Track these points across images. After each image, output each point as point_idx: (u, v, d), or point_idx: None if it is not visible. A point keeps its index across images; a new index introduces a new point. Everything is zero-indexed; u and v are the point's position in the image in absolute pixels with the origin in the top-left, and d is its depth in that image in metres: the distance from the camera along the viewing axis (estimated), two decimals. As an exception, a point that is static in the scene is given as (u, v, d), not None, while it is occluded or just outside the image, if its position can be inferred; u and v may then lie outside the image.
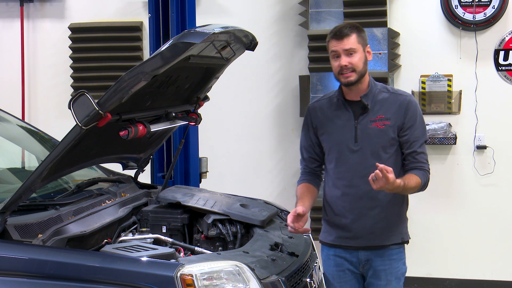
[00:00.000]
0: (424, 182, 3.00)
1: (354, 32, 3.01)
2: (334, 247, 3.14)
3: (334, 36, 3.01)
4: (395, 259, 3.08)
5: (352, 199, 3.05)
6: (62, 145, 2.64)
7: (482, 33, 5.38)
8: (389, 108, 3.04)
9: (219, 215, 3.31)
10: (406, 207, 3.17)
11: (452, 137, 5.38)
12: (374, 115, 3.03)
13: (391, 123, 3.02)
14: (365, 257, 3.08)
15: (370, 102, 3.04)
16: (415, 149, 3.03)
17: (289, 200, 5.65)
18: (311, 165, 3.20)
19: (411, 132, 3.03)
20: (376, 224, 3.04)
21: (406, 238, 3.13)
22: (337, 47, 2.99)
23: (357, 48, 2.99)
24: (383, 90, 3.09)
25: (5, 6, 6.13)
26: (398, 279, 3.10)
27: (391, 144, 3.02)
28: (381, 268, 3.06)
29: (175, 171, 4.67)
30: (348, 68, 2.98)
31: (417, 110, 3.08)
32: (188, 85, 3.34)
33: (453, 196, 5.48)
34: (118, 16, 5.96)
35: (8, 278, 2.49)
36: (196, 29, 2.79)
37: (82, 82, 5.85)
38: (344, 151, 3.04)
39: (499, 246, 5.42)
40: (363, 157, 3.01)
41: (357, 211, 3.04)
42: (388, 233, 3.06)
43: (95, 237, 2.99)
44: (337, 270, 3.14)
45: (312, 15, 5.38)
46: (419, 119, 3.07)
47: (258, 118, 5.83)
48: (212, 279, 2.48)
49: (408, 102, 3.05)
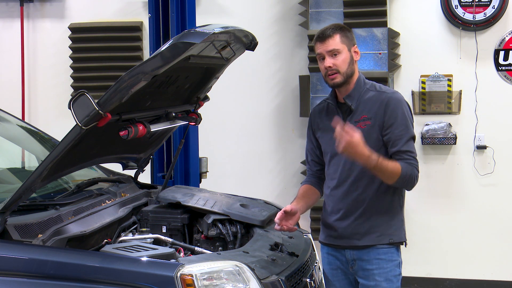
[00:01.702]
0: (406, 172, 2.87)
1: (337, 32, 2.96)
2: (326, 246, 3.17)
3: (318, 39, 2.98)
4: (383, 259, 3.00)
5: (337, 199, 3.04)
6: (62, 145, 2.64)
7: (482, 33, 5.38)
8: (371, 108, 2.97)
9: (219, 215, 3.31)
10: (399, 208, 3.09)
11: (452, 137, 5.38)
12: (358, 115, 2.98)
13: (372, 122, 2.94)
14: (351, 257, 3.05)
15: (354, 103, 2.99)
16: (398, 148, 2.91)
17: (289, 200, 5.65)
18: (314, 168, 3.21)
19: (392, 131, 2.92)
20: (360, 224, 3.00)
21: (396, 240, 3.03)
22: (321, 49, 2.96)
23: (340, 48, 2.94)
24: (371, 89, 3.02)
25: (5, 6, 6.13)
26: (389, 281, 3.00)
27: (375, 144, 2.92)
28: (368, 268, 3.01)
29: (175, 171, 4.67)
30: (333, 70, 2.94)
31: (398, 106, 2.94)
32: (188, 85, 3.34)
33: (453, 196, 5.48)
34: (118, 16, 5.96)
35: (8, 278, 2.49)
36: (196, 29, 2.79)
37: (82, 82, 5.85)
38: (334, 153, 3.01)
39: (499, 246, 5.42)
40: (348, 158, 2.90)
41: (342, 211, 3.03)
42: (372, 234, 3.00)
43: (95, 237, 2.99)
44: (330, 269, 3.16)
45: (312, 15, 5.38)
46: (400, 116, 2.93)
47: (258, 118, 5.83)
48: (212, 279, 2.48)
49: (388, 100, 2.94)
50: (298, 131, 5.71)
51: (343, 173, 3.01)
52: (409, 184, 2.95)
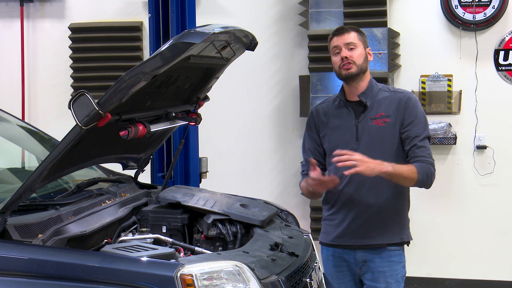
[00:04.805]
0: (422, 171, 2.95)
1: (355, 30, 3.09)
2: (333, 247, 3.16)
3: (336, 33, 3.10)
4: (394, 261, 3.07)
5: (350, 198, 3.06)
6: (62, 145, 2.64)
7: (482, 33, 5.38)
8: (389, 106, 3.06)
9: (219, 215, 3.31)
10: (407, 207, 3.16)
11: (452, 137, 5.38)
12: (374, 113, 3.05)
13: (392, 120, 3.03)
14: (362, 258, 3.08)
15: (369, 100, 3.06)
16: (415, 142, 3.00)
17: (289, 200, 5.68)
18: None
19: (411, 128, 3.02)
20: (373, 223, 3.05)
21: (406, 239, 3.11)
22: (338, 42, 3.05)
23: (357, 44, 3.05)
24: (384, 90, 3.13)
25: (5, 6, 6.14)
26: (398, 283, 3.08)
27: (392, 141, 3.03)
28: (380, 270, 3.06)
29: (175, 171, 4.67)
30: (350, 60, 3.02)
31: (417, 106, 3.07)
32: (188, 85, 3.34)
33: (453, 196, 5.49)
34: (118, 16, 5.96)
35: (8, 278, 2.49)
36: (196, 29, 2.79)
37: (82, 82, 5.85)
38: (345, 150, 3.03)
39: (499, 246, 5.42)
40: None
41: (355, 210, 3.06)
42: (385, 233, 3.06)
43: (95, 237, 2.99)
44: (336, 271, 3.16)
45: (312, 15, 5.39)
46: (419, 115, 3.05)
47: (258, 118, 5.83)
48: (212, 279, 2.47)
49: (407, 99, 3.06)
50: (298, 131, 5.71)
51: (356, 174, 2.97)
52: (428, 182, 3.01)
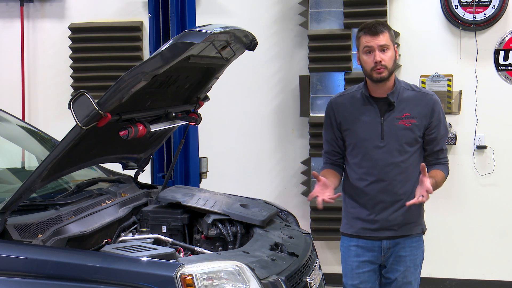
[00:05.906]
0: (447, 174, 3.25)
1: (387, 30, 3.10)
2: (356, 237, 3.23)
3: (369, 32, 3.07)
4: (415, 246, 3.25)
5: (377, 192, 3.15)
6: (62, 145, 2.64)
7: (482, 33, 5.38)
8: (415, 107, 3.14)
9: (219, 215, 3.31)
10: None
11: (452, 137, 5.38)
12: (400, 112, 3.13)
13: (418, 122, 3.13)
14: (387, 245, 3.20)
15: (396, 100, 3.13)
16: (441, 146, 3.21)
17: (289, 200, 5.67)
18: (333, 157, 3.30)
19: (437, 131, 3.18)
20: (399, 216, 3.16)
21: (425, 229, 3.34)
22: (371, 43, 3.05)
23: (390, 45, 3.08)
24: (407, 88, 3.19)
25: (5, 6, 6.13)
26: (416, 266, 3.26)
27: (416, 141, 3.14)
28: (402, 254, 3.20)
29: (175, 171, 4.67)
30: (382, 65, 3.05)
31: (441, 108, 3.21)
32: (188, 85, 3.34)
33: (453, 196, 5.48)
34: (118, 16, 5.96)
35: (8, 278, 2.49)
36: (196, 29, 2.79)
37: (82, 82, 5.84)
38: (370, 147, 3.13)
39: (499, 246, 5.42)
40: (388, 153, 3.12)
41: (381, 204, 3.16)
42: (410, 225, 3.21)
43: (95, 237, 2.99)
44: (357, 261, 3.23)
45: (312, 15, 5.38)
46: (443, 117, 3.21)
47: (258, 118, 5.82)
48: (212, 279, 2.48)
49: (434, 102, 3.17)
50: (298, 131, 5.71)
51: (383, 168, 3.13)
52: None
